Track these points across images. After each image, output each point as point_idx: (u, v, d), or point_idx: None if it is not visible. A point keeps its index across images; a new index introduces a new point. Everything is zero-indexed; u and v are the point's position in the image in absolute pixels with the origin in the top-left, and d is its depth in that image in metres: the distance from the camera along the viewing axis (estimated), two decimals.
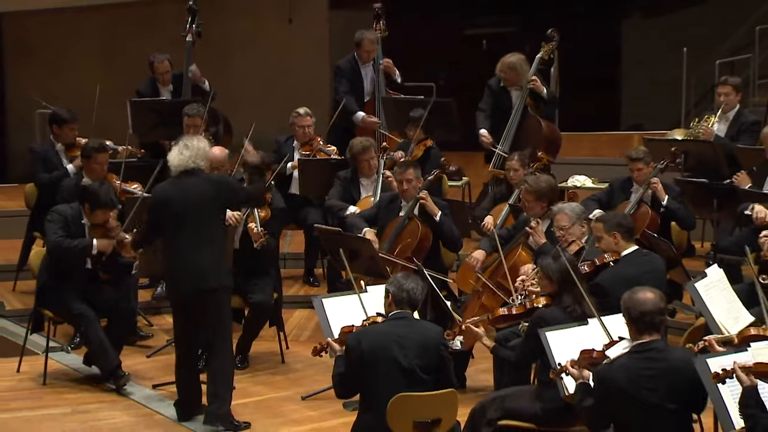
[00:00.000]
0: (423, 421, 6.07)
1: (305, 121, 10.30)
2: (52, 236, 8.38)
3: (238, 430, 7.54)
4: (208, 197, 7.56)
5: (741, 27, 14.70)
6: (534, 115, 10.57)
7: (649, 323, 5.69)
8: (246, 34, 13.75)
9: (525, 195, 8.59)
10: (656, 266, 7.76)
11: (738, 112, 10.67)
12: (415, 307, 6.34)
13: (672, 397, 5.61)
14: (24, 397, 8.38)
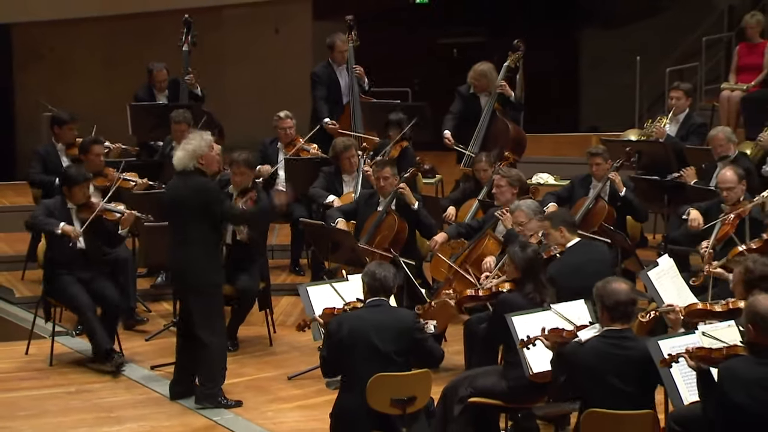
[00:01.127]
0: (399, 399, 6.05)
1: (286, 123, 10.30)
2: (33, 215, 8.50)
3: (227, 407, 7.54)
4: (186, 200, 7.53)
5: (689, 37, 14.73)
6: (502, 119, 10.60)
7: (622, 312, 5.69)
8: (237, 44, 13.72)
9: (498, 181, 8.65)
10: (601, 253, 7.79)
11: (688, 115, 10.73)
12: (389, 293, 6.32)
13: (634, 382, 5.62)
14: (32, 378, 8.38)
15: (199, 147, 7.49)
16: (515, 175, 8.77)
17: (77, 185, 8.40)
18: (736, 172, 8.55)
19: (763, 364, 5.20)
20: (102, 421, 7.57)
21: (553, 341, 5.91)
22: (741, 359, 5.28)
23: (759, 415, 5.14)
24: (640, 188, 9.55)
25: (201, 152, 7.49)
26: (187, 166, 7.49)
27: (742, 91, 11.69)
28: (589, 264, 7.22)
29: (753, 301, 5.34)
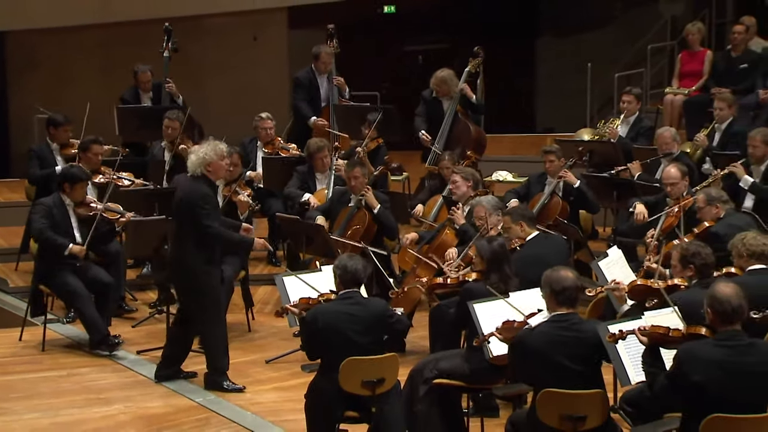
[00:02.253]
0: (369, 381, 6.04)
1: (267, 123, 10.28)
2: (36, 224, 8.37)
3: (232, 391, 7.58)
4: (183, 201, 7.52)
5: (636, 45, 14.79)
6: (463, 120, 10.63)
7: (568, 297, 5.68)
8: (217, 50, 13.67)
9: (453, 177, 8.69)
10: (558, 245, 7.82)
11: (637, 118, 10.81)
12: (359, 284, 6.30)
13: (581, 360, 5.61)
14: (25, 362, 8.34)
15: (208, 155, 7.44)
16: (468, 170, 8.83)
17: (79, 183, 8.37)
18: (679, 169, 8.62)
19: (721, 346, 5.20)
20: (91, 402, 7.53)
21: (506, 335, 5.92)
22: (700, 341, 5.27)
23: (716, 395, 5.14)
24: (592, 185, 9.60)
25: (209, 160, 7.43)
26: (195, 171, 7.45)
27: (684, 96, 11.75)
28: (547, 255, 7.22)
29: (713, 286, 5.35)
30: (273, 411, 7.34)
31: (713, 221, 7.79)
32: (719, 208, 7.84)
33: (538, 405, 5.57)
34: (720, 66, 11.68)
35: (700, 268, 6.31)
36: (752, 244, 6.61)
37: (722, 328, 5.23)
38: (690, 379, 5.16)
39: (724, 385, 5.12)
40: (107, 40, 13.20)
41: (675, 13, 15.02)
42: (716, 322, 5.26)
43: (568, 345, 5.58)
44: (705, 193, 8.02)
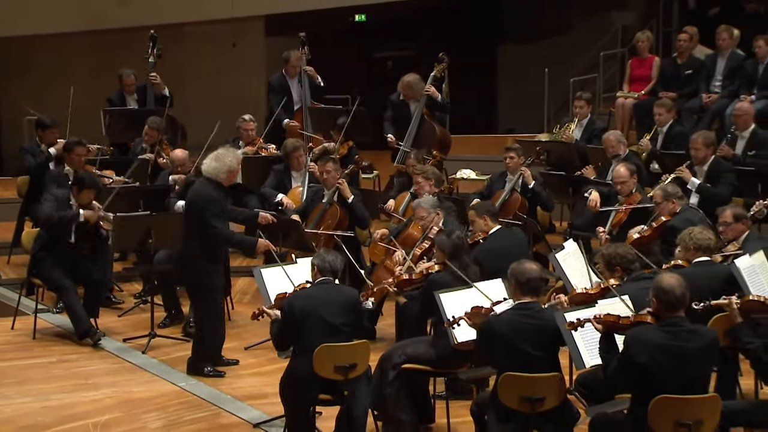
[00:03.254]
0: (342, 366, 6.04)
1: (249, 125, 10.28)
2: (46, 209, 8.29)
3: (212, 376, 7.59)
4: (194, 202, 7.51)
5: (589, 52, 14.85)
6: (429, 122, 10.65)
7: (532, 287, 5.72)
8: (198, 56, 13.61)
9: (415, 177, 8.69)
10: (518, 238, 7.84)
11: (590, 120, 10.88)
12: (336, 274, 6.30)
13: (542, 346, 5.64)
14: (17, 350, 8.29)
15: (233, 165, 7.47)
16: (429, 170, 8.80)
17: (87, 189, 8.35)
18: (628, 168, 8.69)
19: (664, 331, 5.24)
20: (80, 387, 7.50)
21: (474, 319, 5.93)
22: (645, 327, 5.32)
23: (659, 375, 5.18)
24: (549, 182, 9.63)
25: (231, 168, 7.47)
26: (214, 174, 7.42)
27: (634, 99, 11.80)
28: (508, 247, 7.27)
29: (659, 278, 5.39)
30: (252, 394, 7.34)
31: (670, 216, 7.80)
32: (675, 204, 7.87)
33: (500, 387, 5.59)
34: (667, 71, 11.76)
35: (625, 266, 6.32)
36: (699, 238, 6.65)
37: (666, 315, 5.28)
38: (636, 361, 5.21)
39: (667, 368, 5.17)
40: (95, 45, 13.12)
41: (625, 23, 15.10)
42: (661, 310, 5.30)
43: (531, 332, 5.61)
44: (662, 189, 8.03)
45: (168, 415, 7.03)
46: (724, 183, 9.00)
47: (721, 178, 9.02)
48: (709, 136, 9.28)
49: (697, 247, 6.62)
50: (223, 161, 7.45)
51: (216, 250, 7.52)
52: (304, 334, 6.10)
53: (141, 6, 12.65)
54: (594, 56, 14.21)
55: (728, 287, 6.42)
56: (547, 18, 15.83)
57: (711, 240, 6.68)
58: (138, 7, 12.67)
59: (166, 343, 8.26)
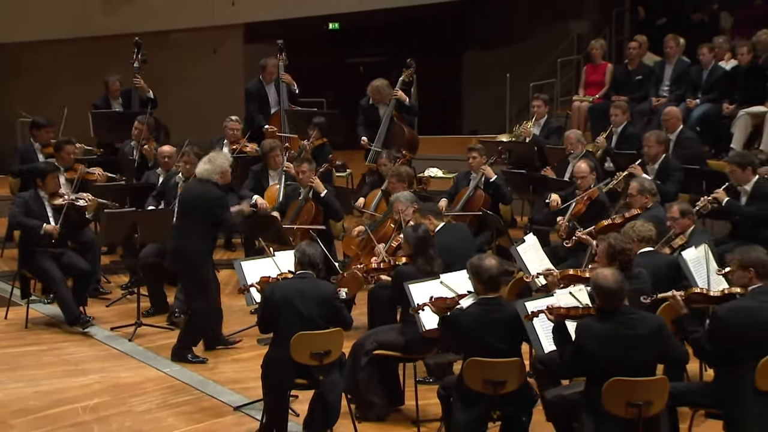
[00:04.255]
0: (317, 352, 6.03)
1: (235, 125, 10.26)
2: (11, 213, 8.33)
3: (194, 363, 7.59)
4: (197, 201, 7.54)
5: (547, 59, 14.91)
6: (399, 124, 10.65)
7: (494, 284, 5.72)
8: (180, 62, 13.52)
9: (390, 178, 8.67)
10: (463, 232, 7.79)
11: (547, 120, 10.93)
12: (315, 268, 6.28)
13: (505, 339, 5.66)
14: (10, 338, 8.24)
15: (225, 167, 7.59)
16: (403, 171, 8.77)
17: (49, 174, 8.30)
18: (588, 165, 8.76)
19: (609, 321, 5.28)
20: (70, 373, 7.47)
21: (438, 307, 5.95)
22: (593, 317, 5.36)
23: (609, 361, 5.22)
24: (511, 180, 9.66)
25: (223, 169, 7.58)
26: (210, 176, 7.52)
27: (589, 102, 11.87)
28: (453, 242, 7.25)
29: (595, 274, 5.42)
30: (232, 379, 7.32)
31: (641, 209, 7.75)
32: (648, 199, 7.85)
33: (465, 372, 5.60)
34: (619, 77, 11.83)
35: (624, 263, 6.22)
36: (641, 230, 6.69)
37: (608, 306, 5.31)
38: (587, 350, 5.25)
39: (616, 354, 5.21)
40: (83, 51, 13.02)
41: (580, 32, 15.18)
42: (603, 303, 5.33)
43: (495, 326, 5.63)
44: (639, 183, 7.96)
45: (153, 399, 7.00)
46: (673, 181, 9.06)
47: (670, 176, 9.08)
48: (661, 135, 9.36)
49: (640, 239, 6.66)
50: (215, 163, 7.55)
51: (213, 245, 7.67)
52: (281, 324, 6.09)
53: (126, 14, 12.59)
54: (552, 62, 14.28)
55: (671, 273, 6.49)
56: (508, 27, 15.88)
57: (652, 231, 6.73)
58: (123, 15, 12.60)
59: (151, 331, 8.23)
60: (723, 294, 5.80)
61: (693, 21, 13.46)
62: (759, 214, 8.20)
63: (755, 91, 10.71)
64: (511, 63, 14.56)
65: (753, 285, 5.59)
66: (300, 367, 6.05)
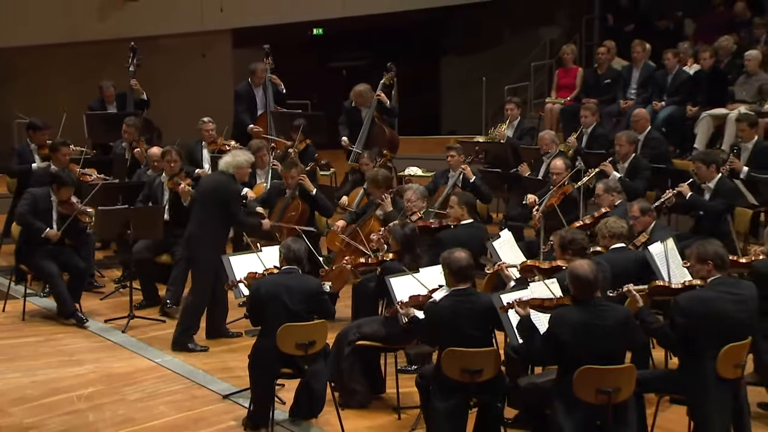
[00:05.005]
0: (302, 343, 6.02)
1: (209, 126, 10.17)
2: (20, 208, 8.24)
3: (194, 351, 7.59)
4: (214, 192, 7.58)
5: (521, 63, 14.95)
6: (379, 125, 10.65)
7: (464, 275, 5.72)
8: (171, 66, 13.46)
9: (368, 185, 8.65)
10: (479, 235, 7.65)
11: (520, 122, 10.94)
12: (300, 263, 6.27)
13: (479, 327, 5.66)
14: (8, 330, 8.18)
15: (242, 162, 7.61)
16: (380, 179, 8.44)
17: (65, 186, 8.26)
18: (564, 162, 8.81)
19: (583, 311, 5.29)
20: (65, 363, 7.43)
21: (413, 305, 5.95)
22: (567, 308, 5.37)
23: (581, 349, 5.23)
24: (487, 178, 9.66)
25: (241, 165, 7.60)
26: (226, 168, 7.54)
27: (561, 105, 11.91)
28: (471, 241, 7.05)
29: (572, 265, 5.43)
30: (221, 369, 7.30)
31: (609, 207, 7.77)
32: (614, 197, 7.87)
33: (443, 361, 5.60)
34: (589, 80, 11.88)
35: (576, 251, 6.34)
36: (613, 227, 6.71)
37: (583, 297, 5.32)
38: (560, 339, 5.25)
39: (587, 343, 5.22)
40: (77, 56, 12.94)
41: (552, 37, 15.22)
42: (578, 293, 5.34)
43: (466, 315, 5.63)
44: (604, 183, 8.00)
45: (145, 387, 6.98)
46: (641, 178, 9.10)
47: (639, 174, 9.12)
48: (631, 135, 9.40)
49: (612, 235, 6.68)
50: (235, 158, 7.62)
51: (223, 239, 7.66)
52: (267, 317, 6.07)
53: (119, 20, 12.51)
54: (525, 67, 14.31)
55: (640, 269, 6.51)
56: (484, 34, 15.90)
57: (624, 228, 6.74)
58: (117, 21, 12.53)
59: (143, 323, 8.19)
60: (684, 286, 5.83)
61: (658, 27, 13.52)
62: (721, 208, 8.25)
63: (717, 94, 10.79)
64: (487, 67, 14.58)
65: (712, 277, 5.62)
66: (286, 357, 6.04)
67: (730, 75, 11.00)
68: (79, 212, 8.26)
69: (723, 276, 5.62)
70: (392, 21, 14.68)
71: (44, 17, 12.28)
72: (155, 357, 7.52)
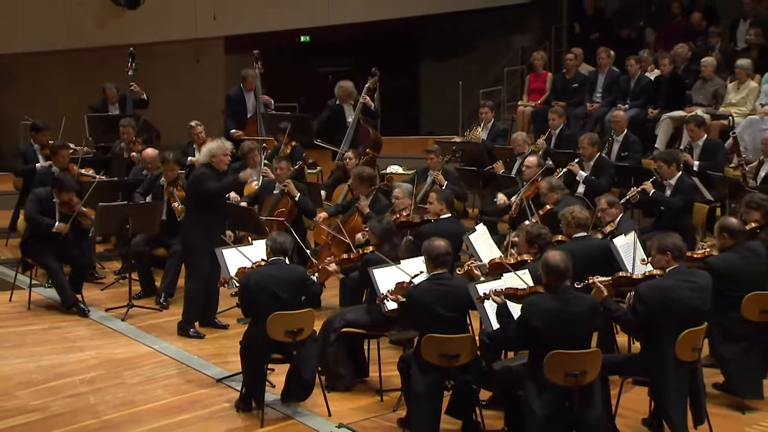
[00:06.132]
0: (291, 330, 6.02)
1: (197, 129, 10.13)
2: (28, 210, 8.20)
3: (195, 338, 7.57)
4: (190, 185, 7.60)
5: (495, 68, 14.97)
6: (364, 126, 10.67)
7: (442, 261, 5.77)
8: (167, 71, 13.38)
9: (353, 180, 8.64)
10: (458, 228, 7.63)
11: (494, 124, 10.98)
12: (286, 254, 6.27)
13: (453, 308, 5.69)
14: (15, 318, 8.14)
15: (214, 149, 7.45)
16: (365, 175, 8.45)
17: (65, 191, 8.19)
18: (538, 159, 8.83)
19: (554, 299, 5.30)
20: (69, 349, 7.40)
21: (398, 294, 5.96)
22: (539, 295, 5.38)
23: (552, 335, 5.24)
24: (464, 176, 9.68)
25: (214, 153, 7.44)
26: (204, 161, 7.47)
27: (532, 107, 11.94)
28: (449, 234, 6.97)
29: (545, 254, 5.45)
30: (214, 354, 7.28)
31: (553, 204, 7.87)
32: (558, 194, 7.94)
33: (423, 346, 5.61)
34: (557, 85, 11.92)
35: (541, 246, 6.36)
36: (578, 216, 6.71)
37: (555, 285, 5.34)
38: (532, 325, 5.26)
39: (557, 328, 5.23)
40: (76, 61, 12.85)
41: (524, 44, 15.25)
42: (551, 282, 5.36)
43: (443, 296, 5.66)
44: (547, 182, 8.06)
45: (144, 372, 6.95)
46: (606, 176, 9.15)
47: (604, 172, 9.17)
48: (593, 137, 9.44)
49: (576, 224, 6.68)
50: (208, 148, 7.52)
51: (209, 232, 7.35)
52: (258, 306, 6.07)
53: (117, 27, 12.44)
54: (499, 72, 14.34)
55: (602, 256, 6.53)
56: (460, 41, 15.91)
57: (588, 218, 6.77)
58: (114, 28, 12.45)
59: (141, 312, 8.16)
60: (644, 276, 5.87)
61: (622, 36, 13.58)
62: (681, 204, 8.31)
63: (675, 98, 10.87)
64: (463, 72, 14.60)
65: (670, 267, 5.66)
66: (276, 343, 6.03)
67: (688, 80, 11.08)
68: (80, 213, 8.21)
69: (681, 266, 5.67)
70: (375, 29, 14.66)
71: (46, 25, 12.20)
72: (153, 343, 7.50)
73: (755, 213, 6.80)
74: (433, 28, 16.09)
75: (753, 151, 9.82)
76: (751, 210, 6.83)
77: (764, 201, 6.90)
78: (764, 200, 6.92)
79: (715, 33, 12.05)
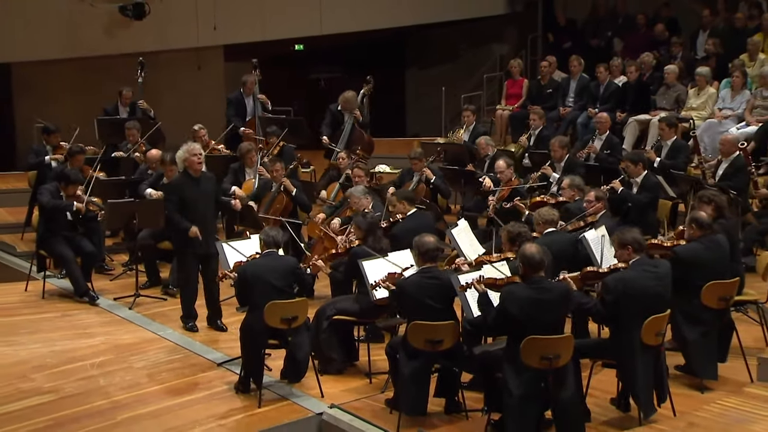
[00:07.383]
0: (286, 318, 6.02)
1: (201, 133, 10.06)
2: (44, 199, 8.17)
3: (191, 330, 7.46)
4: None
5: (476, 75, 14.96)
6: (359, 130, 10.71)
7: (431, 256, 5.78)
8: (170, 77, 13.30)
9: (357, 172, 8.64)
10: (429, 219, 7.76)
11: (475, 126, 10.96)
12: (278, 246, 6.27)
13: (441, 300, 5.70)
14: (30, 307, 8.12)
15: (181, 155, 7.34)
16: (366, 169, 8.72)
17: (71, 185, 8.17)
18: (505, 161, 8.81)
19: (531, 289, 5.31)
20: (80, 335, 7.39)
21: (389, 282, 5.96)
22: (517, 285, 5.38)
23: (528, 321, 5.25)
24: (447, 174, 9.68)
25: (183, 158, 7.33)
26: (180, 168, 7.39)
27: (510, 111, 11.95)
28: (420, 227, 7.04)
29: (522, 247, 5.46)
30: (215, 340, 7.28)
31: (571, 199, 7.72)
32: (575, 192, 7.80)
33: (409, 333, 5.63)
34: (533, 90, 11.94)
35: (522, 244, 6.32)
36: (545, 214, 6.74)
37: (531, 275, 5.35)
38: (510, 312, 5.27)
39: (533, 315, 5.25)
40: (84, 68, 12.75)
41: (502, 52, 15.25)
42: (527, 272, 5.37)
43: (431, 289, 5.67)
44: (570, 179, 7.90)
45: (149, 357, 6.95)
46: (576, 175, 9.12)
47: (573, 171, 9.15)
48: (563, 140, 9.43)
49: (544, 222, 6.72)
50: (178, 157, 7.41)
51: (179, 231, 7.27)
52: (255, 295, 6.07)
53: (122, 37, 12.37)
54: (479, 78, 14.33)
55: (573, 250, 6.55)
56: (442, 49, 15.90)
57: (555, 215, 6.78)
58: (121, 38, 12.39)
59: (147, 301, 8.14)
60: (610, 269, 5.89)
61: (591, 45, 13.61)
62: (646, 201, 8.34)
63: (641, 102, 10.91)
64: (446, 78, 14.57)
65: (632, 259, 5.68)
66: (272, 330, 6.03)
67: (652, 86, 11.12)
68: (87, 202, 8.19)
69: (642, 258, 5.69)
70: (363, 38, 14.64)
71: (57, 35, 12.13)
72: (158, 330, 7.49)
73: (707, 207, 6.83)
74: (419, 37, 16.07)
75: (712, 151, 9.90)
76: (704, 204, 6.86)
77: (715, 196, 6.93)
78: (715, 195, 6.95)
79: (677, 43, 12.10)
